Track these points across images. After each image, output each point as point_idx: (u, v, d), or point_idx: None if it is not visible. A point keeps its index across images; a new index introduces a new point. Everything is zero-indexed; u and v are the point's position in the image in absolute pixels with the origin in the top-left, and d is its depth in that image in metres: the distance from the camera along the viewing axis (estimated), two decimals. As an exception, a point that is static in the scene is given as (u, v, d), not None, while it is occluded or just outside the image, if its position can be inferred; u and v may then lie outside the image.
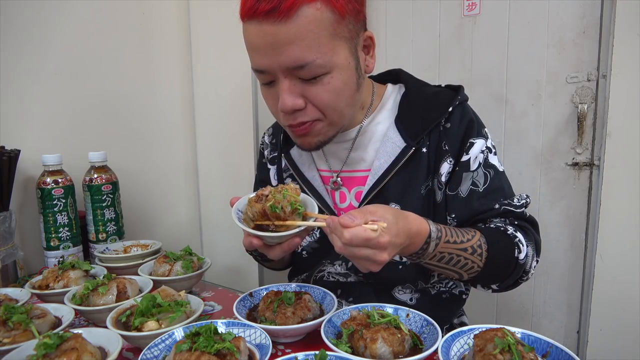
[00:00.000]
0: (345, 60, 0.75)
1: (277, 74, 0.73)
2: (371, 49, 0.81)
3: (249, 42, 0.74)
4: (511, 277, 0.80)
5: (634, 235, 1.17)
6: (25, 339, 0.65)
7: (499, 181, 0.84)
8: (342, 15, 0.71)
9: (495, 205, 0.82)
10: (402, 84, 0.93)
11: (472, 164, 0.83)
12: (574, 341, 1.39)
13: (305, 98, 0.75)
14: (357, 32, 0.76)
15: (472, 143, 0.83)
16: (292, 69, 0.71)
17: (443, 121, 0.85)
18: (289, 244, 0.72)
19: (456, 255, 0.74)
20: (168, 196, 1.60)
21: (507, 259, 0.78)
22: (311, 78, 0.73)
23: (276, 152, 1.02)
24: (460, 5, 1.44)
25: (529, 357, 0.54)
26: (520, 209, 0.83)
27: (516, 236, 0.79)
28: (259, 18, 0.68)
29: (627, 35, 1.12)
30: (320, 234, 0.95)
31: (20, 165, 1.11)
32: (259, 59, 0.73)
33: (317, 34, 0.69)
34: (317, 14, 0.68)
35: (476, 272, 0.77)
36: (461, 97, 0.86)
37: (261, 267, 1.58)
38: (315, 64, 0.71)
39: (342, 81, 0.75)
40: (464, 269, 0.76)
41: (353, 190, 0.91)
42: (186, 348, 0.57)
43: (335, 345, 0.62)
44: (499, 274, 0.80)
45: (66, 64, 1.27)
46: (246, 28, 0.73)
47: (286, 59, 0.70)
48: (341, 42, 0.73)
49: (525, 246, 0.79)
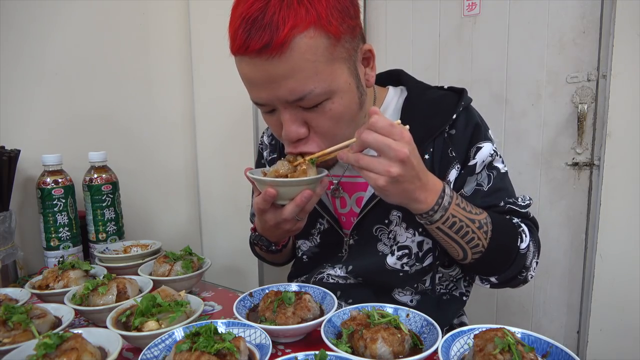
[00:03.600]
0: (345, 83, 0.72)
1: (277, 106, 0.72)
2: (371, 60, 0.79)
3: (244, 76, 0.72)
4: (511, 268, 0.79)
5: (634, 235, 1.17)
6: (25, 339, 0.65)
7: (503, 182, 0.84)
8: (337, 37, 0.68)
9: (500, 203, 0.82)
10: (403, 87, 0.92)
11: (478, 167, 0.83)
12: (574, 341, 1.39)
13: (308, 126, 0.74)
14: (355, 48, 0.73)
15: (479, 147, 0.82)
16: (292, 101, 0.70)
17: (447, 128, 0.83)
18: (302, 197, 0.72)
19: (465, 224, 0.73)
20: (168, 196, 1.60)
21: (509, 244, 0.78)
22: (312, 106, 0.71)
23: (275, 154, 1.02)
24: (460, 5, 1.44)
25: (529, 357, 0.54)
26: (525, 209, 0.83)
27: (520, 226, 0.79)
28: (251, 55, 0.66)
29: (627, 35, 1.12)
30: (320, 239, 0.95)
31: (20, 165, 1.11)
32: (257, 93, 0.72)
33: (313, 63, 0.67)
34: (311, 42, 0.65)
35: (480, 252, 0.76)
36: (465, 102, 0.84)
37: (261, 267, 1.58)
38: (314, 94, 0.69)
39: (344, 105, 0.73)
40: (470, 244, 0.75)
41: (354, 196, 0.91)
42: (186, 348, 0.57)
43: (335, 345, 0.62)
44: (500, 260, 0.79)
45: (66, 64, 1.27)
46: (239, 63, 0.70)
47: (284, 93, 0.68)
48: (340, 65, 0.71)
49: (528, 238, 0.79)
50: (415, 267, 0.87)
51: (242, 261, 1.54)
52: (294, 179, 0.72)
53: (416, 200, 0.69)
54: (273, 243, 0.91)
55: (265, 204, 0.75)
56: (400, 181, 0.65)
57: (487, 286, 0.84)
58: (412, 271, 0.87)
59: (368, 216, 0.87)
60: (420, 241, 0.86)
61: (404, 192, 0.67)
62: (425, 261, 0.87)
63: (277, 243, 0.92)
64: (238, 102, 1.50)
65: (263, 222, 0.81)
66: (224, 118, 1.56)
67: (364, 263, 0.89)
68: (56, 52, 1.25)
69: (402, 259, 0.86)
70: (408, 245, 0.86)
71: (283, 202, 0.74)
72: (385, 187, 0.65)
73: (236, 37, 0.67)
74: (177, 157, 1.62)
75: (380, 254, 0.88)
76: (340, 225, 0.92)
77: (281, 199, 0.74)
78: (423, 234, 0.86)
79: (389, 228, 0.86)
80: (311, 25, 0.65)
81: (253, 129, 1.50)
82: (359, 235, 0.90)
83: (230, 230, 1.60)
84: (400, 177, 0.64)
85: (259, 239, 0.92)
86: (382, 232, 0.87)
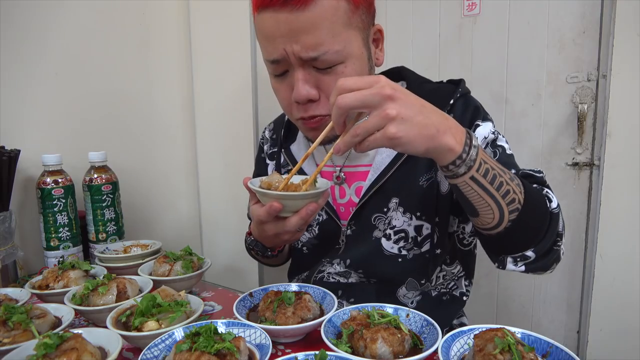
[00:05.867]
0: (359, 50, 0.75)
1: (292, 64, 0.73)
2: (380, 42, 0.82)
3: (263, 31, 0.73)
4: (548, 233, 0.70)
5: (634, 235, 1.17)
6: (25, 339, 0.65)
7: (509, 158, 0.80)
8: (356, 5, 0.72)
9: (512, 171, 0.73)
10: (404, 82, 0.93)
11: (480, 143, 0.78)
12: (574, 341, 1.39)
13: (319, 89, 0.75)
14: (369, 24, 0.77)
15: (477, 125, 0.82)
16: (308, 58, 0.71)
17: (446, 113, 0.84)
18: (307, 210, 0.69)
19: (498, 174, 0.64)
20: (168, 196, 1.60)
21: (542, 202, 0.70)
22: (326, 67, 0.73)
23: (276, 148, 1.02)
24: (460, 5, 1.44)
25: (529, 357, 0.54)
26: (540, 174, 0.77)
27: (544, 189, 0.74)
28: (276, 6, 0.68)
29: (627, 35, 1.12)
30: (319, 230, 0.95)
31: (20, 165, 1.11)
32: (274, 49, 0.73)
33: (332, 23, 0.70)
34: (333, 2, 0.69)
35: (516, 210, 0.66)
36: (462, 90, 0.85)
37: (261, 267, 1.58)
38: (330, 53, 0.71)
39: (355, 72, 0.75)
40: (507, 199, 0.65)
41: (353, 186, 0.91)
42: (186, 348, 0.57)
43: (335, 345, 0.62)
44: (538, 221, 0.70)
45: (66, 64, 1.27)
46: (261, 18, 0.72)
47: (302, 48, 0.70)
48: (355, 32, 0.74)
49: (555, 199, 0.72)
50: (413, 251, 0.87)
51: (242, 261, 1.54)
52: (300, 192, 0.70)
53: (442, 140, 0.59)
54: (269, 249, 0.92)
55: (269, 217, 0.72)
56: (406, 117, 0.57)
57: (522, 269, 0.71)
58: (410, 255, 0.87)
59: (367, 205, 0.87)
60: (419, 226, 0.86)
61: (424, 129, 0.58)
62: (423, 246, 0.86)
63: (273, 249, 0.93)
64: (238, 102, 1.50)
65: (261, 231, 0.78)
66: (225, 118, 1.56)
67: (361, 251, 0.89)
68: (56, 52, 1.25)
69: (398, 243, 0.86)
70: (404, 229, 0.86)
71: (286, 215, 0.73)
72: (397, 133, 0.56)
73: None
74: (177, 157, 1.62)
75: (375, 239, 0.87)
76: (337, 216, 0.92)
77: (285, 212, 0.72)
78: (422, 219, 0.85)
79: (387, 215, 0.86)
80: None
81: (253, 129, 1.50)
82: (356, 225, 0.90)
83: (230, 230, 1.59)
84: (402, 113, 0.57)
85: (255, 244, 0.92)
86: (379, 220, 0.87)
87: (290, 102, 0.78)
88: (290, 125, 1.00)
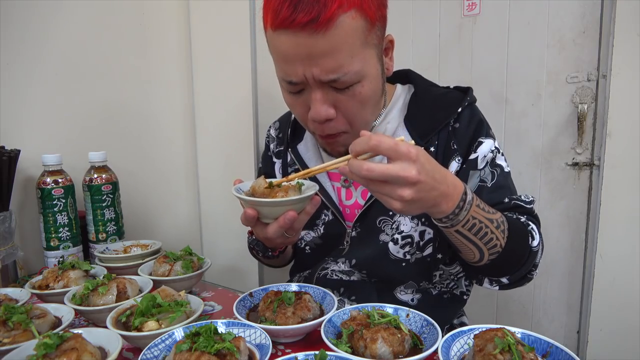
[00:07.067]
0: (375, 68, 0.75)
1: (310, 84, 0.72)
2: (390, 50, 0.82)
3: (281, 52, 0.71)
4: (524, 267, 0.78)
5: (634, 235, 1.17)
6: (25, 339, 0.65)
7: (506, 180, 0.84)
8: (372, 22, 0.71)
9: (504, 200, 0.81)
10: (411, 85, 0.94)
11: (480, 162, 0.83)
12: (574, 341, 1.39)
13: (336, 108, 0.75)
14: (382, 37, 0.77)
15: (480, 142, 0.84)
16: (327, 81, 0.70)
17: (452, 121, 0.85)
18: (285, 218, 0.70)
19: (484, 225, 0.69)
20: (168, 196, 1.60)
21: (523, 243, 0.76)
22: (344, 88, 0.72)
23: (282, 147, 1.02)
24: (460, 5, 1.44)
25: (529, 357, 0.54)
26: (529, 205, 0.82)
27: (529, 224, 0.79)
28: (296, 29, 0.66)
29: (627, 35, 1.12)
30: (324, 230, 0.95)
31: (20, 165, 1.11)
32: (292, 70, 0.71)
33: (351, 44, 0.69)
34: (352, 23, 0.67)
35: (497, 252, 0.73)
36: (470, 99, 0.87)
37: (261, 267, 1.58)
38: (350, 74, 0.70)
39: (371, 90, 0.75)
40: (489, 245, 0.72)
41: (360, 188, 0.91)
42: (186, 348, 0.57)
43: (335, 345, 0.62)
44: (515, 259, 0.77)
45: (66, 64, 1.27)
46: (277, 37, 0.70)
47: (322, 71, 0.69)
48: (371, 50, 0.73)
49: (538, 235, 0.78)
50: (415, 255, 0.87)
51: (242, 261, 1.54)
52: (275, 199, 0.69)
53: (438, 208, 0.65)
54: (269, 249, 0.92)
55: (248, 223, 0.74)
56: (416, 199, 0.61)
57: (496, 288, 0.82)
58: (413, 260, 0.87)
59: (372, 208, 0.87)
60: (423, 230, 0.87)
61: (423, 206, 0.64)
62: (425, 250, 0.87)
63: (274, 249, 0.93)
64: (238, 102, 1.50)
65: (255, 233, 0.81)
66: (224, 118, 1.56)
67: (367, 254, 0.89)
68: (56, 52, 1.25)
69: (404, 248, 0.87)
70: (411, 235, 0.87)
71: (267, 221, 0.73)
72: (401, 210, 0.62)
73: (281, 10, 0.66)
74: (177, 157, 1.62)
75: (382, 243, 0.88)
76: (343, 217, 0.92)
77: (265, 218, 0.72)
78: (425, 224, 0.86)
79: (393, 219, 0.87)
80: (354, 7, 0.67)
81: (253, 129, 1.50)
82: (361, 227, 0.90)
83: (230, 230, 1.59)
84: (415, 197, 0.60)
85: (256, 243, 0.93)
86: (385, 224, 0.88)
87: (306, 117, 0.78)
88: (297, 124, 1.00)
